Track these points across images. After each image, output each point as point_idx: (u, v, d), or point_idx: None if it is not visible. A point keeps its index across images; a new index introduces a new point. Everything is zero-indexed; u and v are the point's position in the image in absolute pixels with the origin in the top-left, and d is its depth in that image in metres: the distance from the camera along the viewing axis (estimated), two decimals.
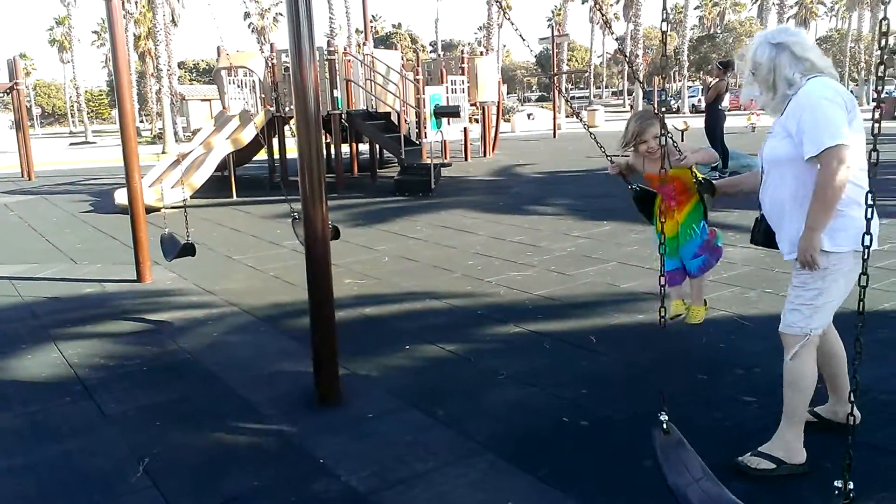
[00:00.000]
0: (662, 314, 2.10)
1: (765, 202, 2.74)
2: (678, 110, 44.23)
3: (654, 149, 3.31)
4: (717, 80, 11.29)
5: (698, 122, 12.76)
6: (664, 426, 2.03)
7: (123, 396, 3.72)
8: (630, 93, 46.48)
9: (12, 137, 22.61)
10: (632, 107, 37.64)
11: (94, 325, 5.02)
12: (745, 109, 37.37)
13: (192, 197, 10.60)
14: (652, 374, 3.70)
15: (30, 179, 16.86)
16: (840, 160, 2.39)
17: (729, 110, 11.95)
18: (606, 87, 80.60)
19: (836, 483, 1.74)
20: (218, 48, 14.72)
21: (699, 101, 37.06)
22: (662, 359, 3.88)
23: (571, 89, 60.31)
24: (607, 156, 3.65)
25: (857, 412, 2.14)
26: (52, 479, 2.89)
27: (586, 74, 64.15)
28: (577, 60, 78.00)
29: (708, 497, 1.85)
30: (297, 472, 2.87)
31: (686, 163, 3.44)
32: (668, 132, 2.86)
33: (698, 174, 3.55)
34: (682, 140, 3.58)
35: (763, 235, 2.80)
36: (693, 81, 50.93)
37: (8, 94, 19.09)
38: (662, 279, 2.10)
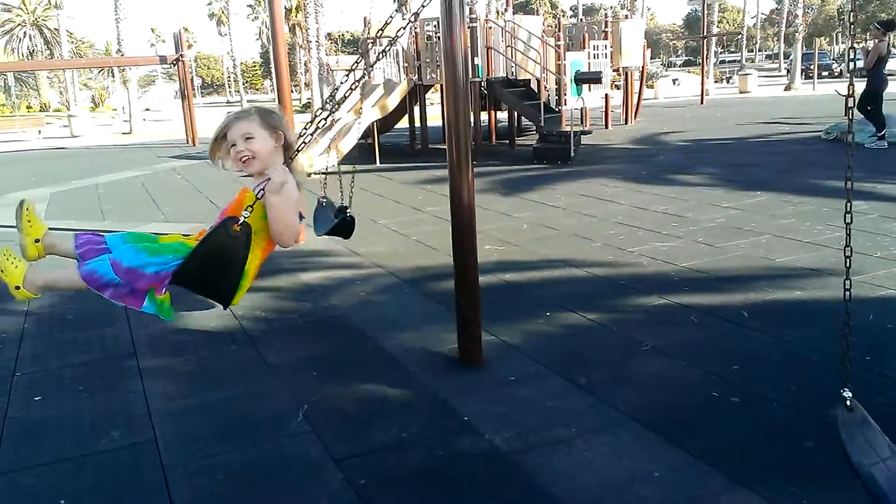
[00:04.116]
0: (847, 287, 1.97)
1: None
2: (840, 74, 40.86)
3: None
4: (877, 41, 10.33)
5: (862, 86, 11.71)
6: (847, 403, 1.91)
7: (283, 347, 3.99)
8: (787, 56, 43.17)
9: (178, 106, 24.53)
10: (788, 70, 34.91)
11: (254, 281, 5.39)
12: None
13: (338, 163, 11.04)
14: (812, 352, 3.49)
15: (194, 145, 18.20)
16: None
17: (890, 74, 10.85)
18: (760, 49, 75.36)
19: None
20: (364, 19, 15.12)
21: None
22: (825, 337, 3.64)
23: (721, 53, 56.86)
24: None
25: None
26: (221, 420, 3.16)
27: (738, 37, 60.24)
28: (727, 22, 73.39)
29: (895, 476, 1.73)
30: (443, 428, 2.97)
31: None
32: None
33: None
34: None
35: None
36: (859, 43, 46.75)
37: (174, 66, 20.67)
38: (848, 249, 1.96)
